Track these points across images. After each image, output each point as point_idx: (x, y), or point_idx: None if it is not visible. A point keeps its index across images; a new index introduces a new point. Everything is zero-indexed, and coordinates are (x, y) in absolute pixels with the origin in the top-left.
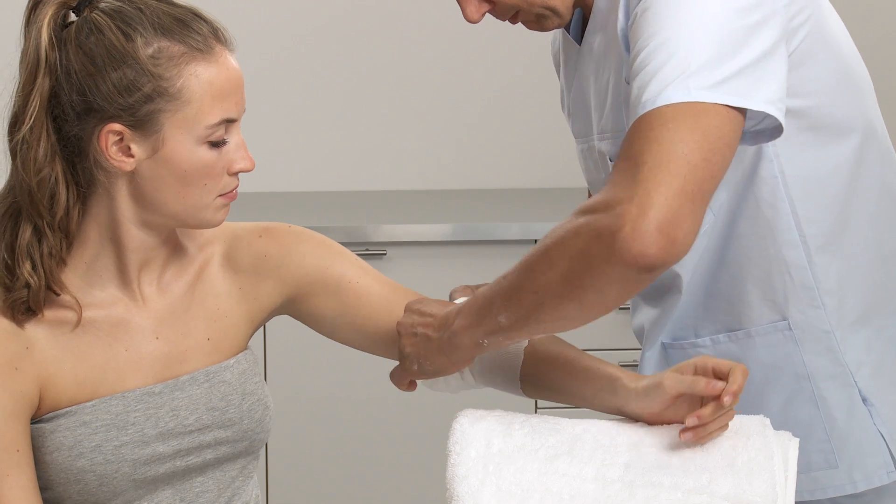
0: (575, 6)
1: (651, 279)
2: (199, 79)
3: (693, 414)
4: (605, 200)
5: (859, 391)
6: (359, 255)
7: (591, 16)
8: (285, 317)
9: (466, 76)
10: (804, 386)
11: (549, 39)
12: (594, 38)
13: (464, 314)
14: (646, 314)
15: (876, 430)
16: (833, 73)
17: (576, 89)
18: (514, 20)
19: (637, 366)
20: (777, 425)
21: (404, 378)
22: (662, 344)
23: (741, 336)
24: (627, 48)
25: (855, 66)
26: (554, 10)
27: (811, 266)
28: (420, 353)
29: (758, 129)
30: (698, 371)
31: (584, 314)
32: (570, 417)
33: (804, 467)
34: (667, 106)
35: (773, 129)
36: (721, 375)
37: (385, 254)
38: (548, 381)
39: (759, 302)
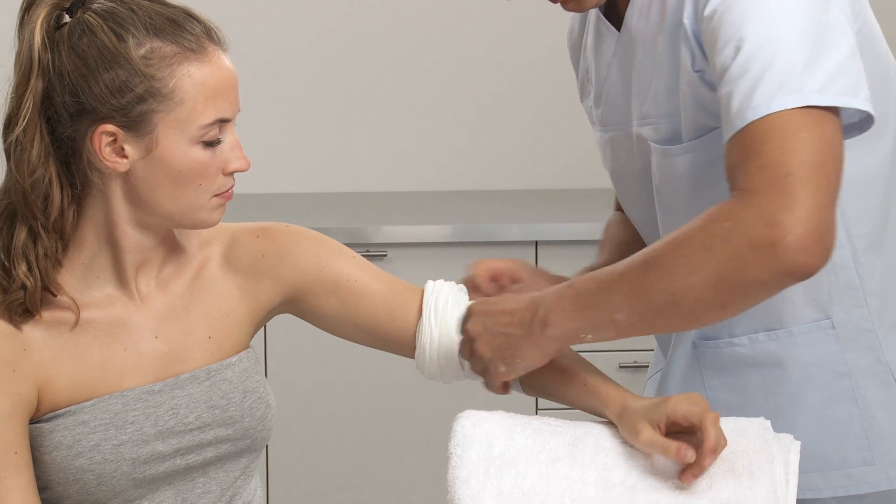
0: None
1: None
2: (191, 79)
3: (681, 474)
4: (754, 209)
5: None
6: None
7: (633, 3)
8: (286, 315)
9: (467, 77)
10: (844, 384)
11: (552, 39)
12: (636, 23)
13: (563, 308)
14: None
15: None
16: (876, 69)
17: (612, 75)
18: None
19: (646, 367)
20: (815, 423)
21: (495, 384)
22: (693, 343)
23: (782, 335)
24: (698, 40)
25: (889, 60)
26: None
27: (857, 266)
28: (506, 353)
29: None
30: (669, 419)
31: (723, 316)
32: (571, 420)
33: (839, 464)
34: (784, 112)
35: (848, 126)
36: (690, 422)
37: (386, 255)
38: (546, 389)
39: (803, 301)
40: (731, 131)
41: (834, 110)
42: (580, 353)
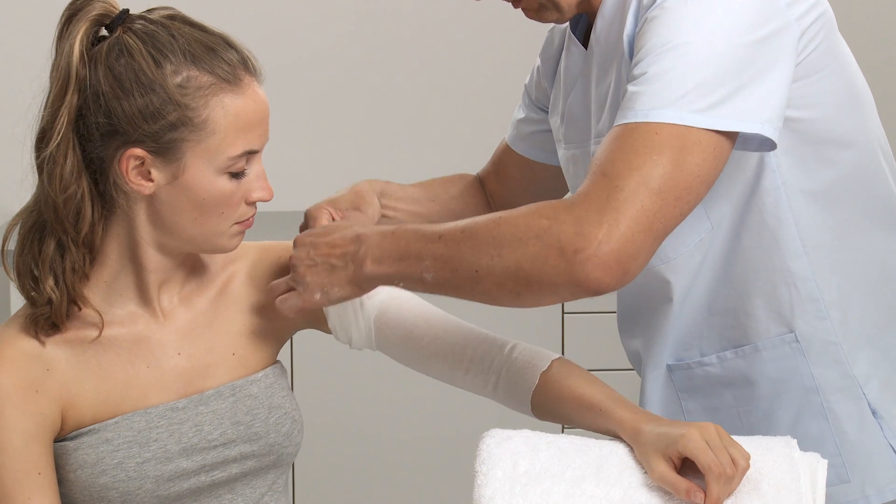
0: (582, 8)
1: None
2: (225, 110)
3: None
4: (575, 214)
5: (868, 403)
6: None
7: (596, 21)
8: (313, 331)
9: (493, 98)
10: (813, 399)
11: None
12: (598, 41)
13: (382, 251)
14: (638, 335)
15: (887, 444)
16: (839, 88)
17: (576, 93)
18: (516, 4)
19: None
20: None
21: (298, 307)
22: (668, 366)
23: (748, 351)
24: (632, 54)
25: (860, 85)
26: (555, 4)
27: (815, 277)
28: (325, 281)
29: (747, 136)
30: (681, 455)
31: (516, 304)
32: (597, 438)
33: None
34: (656, 125)
35: (761, 141)
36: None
37: None
38: (562, 415)
39: (766, 315)
40: (616, 123)
41: (732, 132)
42: (592, 371)
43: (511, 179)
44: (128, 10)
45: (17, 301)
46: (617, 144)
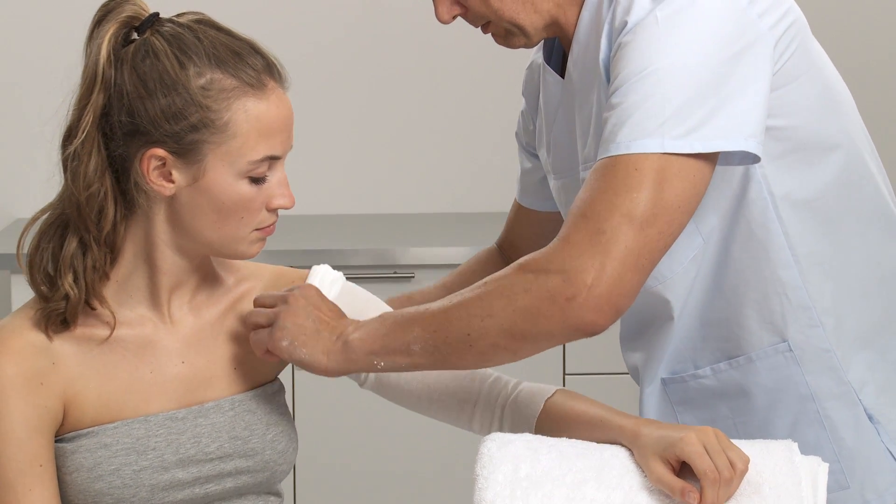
0: (551, 33)
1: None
2: (247, 114)
3: None
4: (560, 262)
5: (864, 409)
6: (387, 277)
7: (573, 47)
8: None
9: (495, 98)
10: (809, 407)
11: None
12: (575, 69)
13: (365, 330)
14: (640, 349)
15: (884, 448)
16: (817, 92)
17: (559, 123)
18: (485, 30)
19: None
20: None
21: (264, 346)
22: (662, 380)
23: (742, 362)
24: (609, 78)
25: (838, 87)
26: (521, 29)
27: (806, 285)
28: (300, 337)
29: (730, 152)
30: (679, 458)
31: (510, 360)
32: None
33: None
34: (637, 158)
35: (744, 155)
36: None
37: (413, 276)
38: (562, 433)
39: (758, 325)
40: (598, 156)
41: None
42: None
43: (527, 238)
44: (157, 14)
45: (17, 297)
46: (598, 183)
